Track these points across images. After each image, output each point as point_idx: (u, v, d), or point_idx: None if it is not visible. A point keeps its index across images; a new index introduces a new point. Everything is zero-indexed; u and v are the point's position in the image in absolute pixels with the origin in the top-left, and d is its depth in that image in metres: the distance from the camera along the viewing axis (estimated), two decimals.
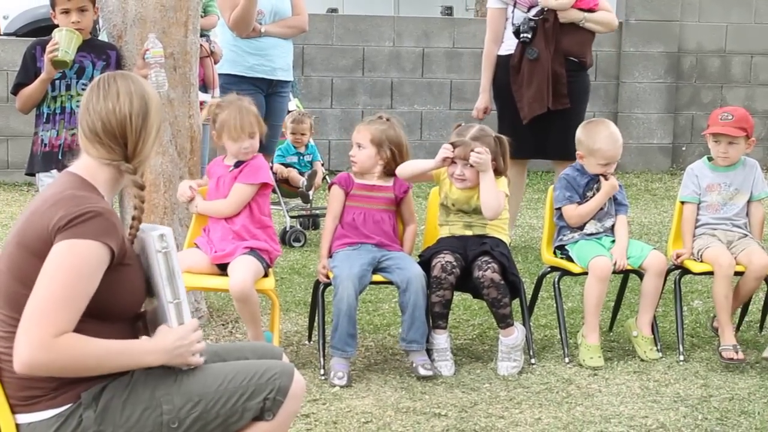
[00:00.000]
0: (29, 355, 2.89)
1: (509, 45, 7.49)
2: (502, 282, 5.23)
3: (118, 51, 5.58)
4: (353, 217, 5.41)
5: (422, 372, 5.16)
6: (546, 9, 7.36)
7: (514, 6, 7.46)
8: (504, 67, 7.54)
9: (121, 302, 3.08)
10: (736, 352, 5.39)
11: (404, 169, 5.42)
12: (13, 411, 3.02)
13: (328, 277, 5.31)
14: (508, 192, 5.50)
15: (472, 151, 5.29)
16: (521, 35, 7.37)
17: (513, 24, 7.44)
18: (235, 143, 5.24)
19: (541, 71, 7.34)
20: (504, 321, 5.30)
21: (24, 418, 3.02)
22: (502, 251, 5.33)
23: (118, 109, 3.13)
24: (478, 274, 5.23)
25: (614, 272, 5.55)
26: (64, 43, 5.33)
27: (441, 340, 5.28)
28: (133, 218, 3.21)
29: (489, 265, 5.21)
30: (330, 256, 5.42)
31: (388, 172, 5.46)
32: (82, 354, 2.94)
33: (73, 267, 2.92)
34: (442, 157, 5.38)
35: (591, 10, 7.49)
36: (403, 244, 5.50)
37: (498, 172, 5.41)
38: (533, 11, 7.38)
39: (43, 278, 2.92)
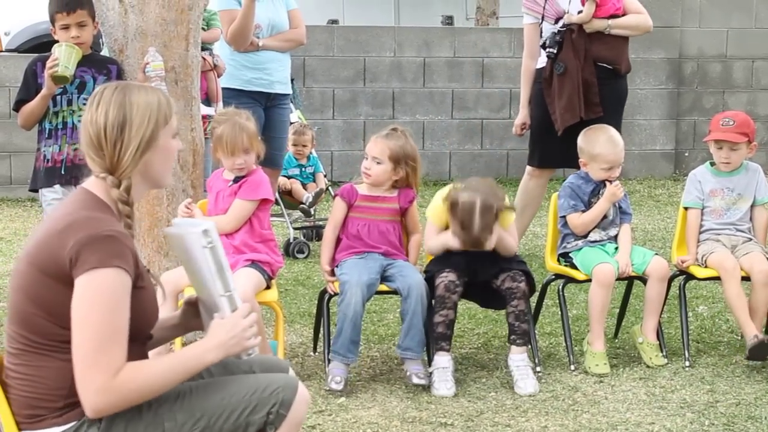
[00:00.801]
0: (97, 403, 2.91)
1: (543, 58, 7.47)
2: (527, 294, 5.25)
3: (119, 65, 5.59)
4: (358, 229, 5.39)
5: (415, 381, 5.15)
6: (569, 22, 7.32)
7: (542, 20, 7.43)
8: (538, 79, 7.52)
9: (136, 325, 3.04)
10: (759, 338, 5.31)
11: (433, 248, 5.40)
12: (19, 428, 3.02)
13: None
14: (513, 214, 5.47)
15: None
16: (547, 49, 7.34)
17: (542, 37, 7.42)
18: (228, 159, 5.23)
19: (571, 82, 7.28)
20: (524, 337, 5.28)
21: None
22: (522, 260, 5.37)
23: (95, 120, 3.10)
24: (511, 285, 5.21)
25: (618, 279, 5.55)
26: (63, 58, 5.34)
27: (443, 361, 5.23)
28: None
29: (522, 277, 5.21)
30: (332, 268, 5.40)
31: (396, 185, 5.42)
32: (145, 382, 2.95)
33: (104, 302, 2.91)
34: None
35: (615, 15, 7.39)
36: (408, 253, 5.49)
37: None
38: (560, 23, 7.33)
39: (80, 322, 2.91)
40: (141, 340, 3.16)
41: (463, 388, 5.21)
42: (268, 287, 5.20)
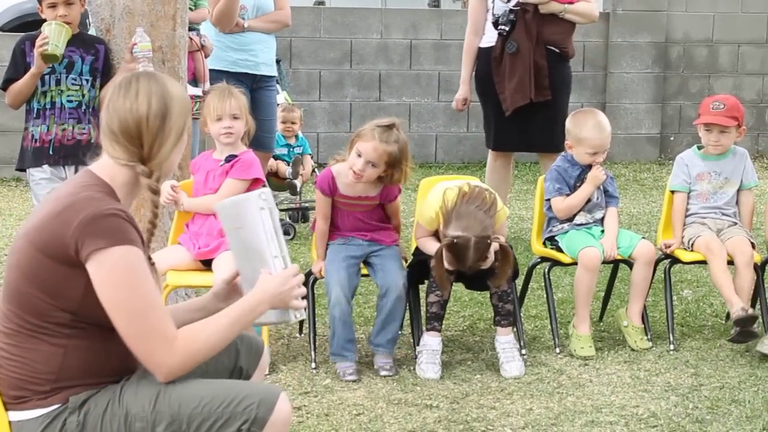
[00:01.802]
0: (167, 369, 2.98)
1: (491, 36, 7.45)
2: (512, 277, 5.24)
3: (106, 45, 5.57)
4: (339, 220, 5.35)
5: (383, 373, 5.15)
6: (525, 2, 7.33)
7: None
8: (485, 58, 7.51)
9: None
10: (745, 312, 5.34)
11: (423, 249, 5.35)
12: (6, 408, 3.02)
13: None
14: (506, 211, 5.46)
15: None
16: (499, 27, 7.33)
17: (493, 15, 7.40)
18: (215, 124, 5.20)
19: (523, 63, 7.30)
20: (508, 318, 5.28)
21: (14, 416, 3.01)
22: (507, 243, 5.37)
23: (135, 109, 3.07)
24: (493, 266, 5.15)
25: (604, 262, 5.56)
26: (53, 36, 5.32)
27: (434, 342, 5.24)
28: (150, 223, 3.18)
29: (497, 252, 5.14)
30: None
31: (381, 181, 5.28)
32: (207, 339, 3.03)
33: (126, 279, 2.93)
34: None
35: (570, 3, 7.45)
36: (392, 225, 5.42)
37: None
38: (513, 1, 7.33)
39: (113, 301, 2.93)
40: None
41: (448, 370, 5.22)
42: None
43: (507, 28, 7.30)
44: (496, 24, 7.35)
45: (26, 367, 3.00)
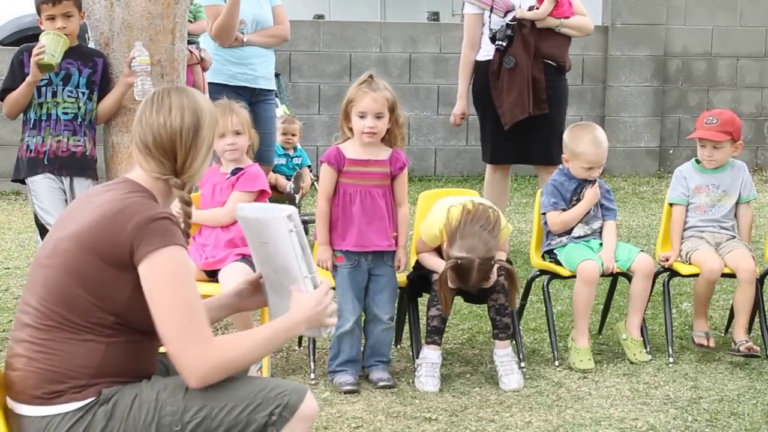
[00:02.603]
0: (200, 372, 3.00)
1: (488, 50, 7.47)
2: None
3: (105, 58, 5.58)
4: (350, 201, 5.16)
5: (382, 384, 5.16)
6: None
7: (491, 11, 7.44)
8: (483, 72, 7.52)
9: (147, 318, 3.05)
10: (708, 339, 5.45)
11: (424, 264, 5.34)
12: (32, 403, 3.04)
13: (335, 266, 5.20)
14: (510, 228, 5.46)
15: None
16: (496, 42, 7.36)
17: (490, 29, 7.42)
18: (219, 140, 5.22)
19: (521, 77, 7.33)
20: (506, 331, 5.28)
21: (43, 411, 3.03)
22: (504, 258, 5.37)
23: (169, 124, 3.15)
24: (496, 283, 5.16)
25: (602, 275, 5.56)
26: (50, 46, 5.33)
27: (434, 356, 5.23)
28: (184, 233, 3.21)
29: (502, 271, 5.15)
30: (332, 247, 5.21)
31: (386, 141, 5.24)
32: (243, 350, 3.06)
33: (175, 279, 3.00)
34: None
35: (566, 17, 7.48)
36: (398, 231, 5.26)
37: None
38: (510, 16, 7.36)
39: (157, 302, 2.99)
40: (152, 334, 3.11)
41: (447, 383, 5.22)
42: None
43: (504, 44, 7.32)
44: (493, 39, 7.37)
45: (66, 360, 3.03)
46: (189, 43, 6.55)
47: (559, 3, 7.38)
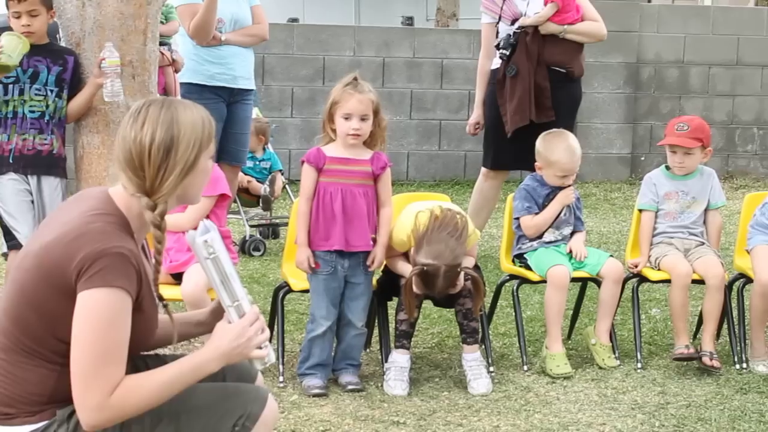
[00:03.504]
0: (91, 419, 2.88)
1: (498, 59, 7.49)
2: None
3: (76, 56, 5.55)
4: (331, 200, 5.11)
5: (350, 388, 5.16)
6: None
7: (499, 20, 7.45)
8: (492, 80, 7.54)
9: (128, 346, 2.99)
10: (687, 348, 5.46)
11: (392, 266, 5.34)
12: None
13: (313, 270, 5.14)
14: (478, 234, 5.45)
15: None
16: (500, 51, 7.37)
17: (497, 38, 7.44)
18: None
19: (523, 84, 7.31)
20: (473, 335, 5.28)
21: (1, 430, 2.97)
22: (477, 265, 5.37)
23: (139, 139, 2.95)
24: (462, 290, 5.15)
25: (572, 280, 5.57)
26: (8, 47, 5.29)
27: (402, 359, 5.23)
28: (154, 259, 3.09)
29: (467, 277, 5.14)
30: (310, 249, 5.14)
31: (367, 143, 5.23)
32: (141, 397, 2.91)
33: (104, 320, 2.85)
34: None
35: (572, 23, 7.44)
36: (378, 231, 5.21)
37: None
38: (516, 25, 7.35)
39: (79, 339, 2.86)
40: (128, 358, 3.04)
41: (416, 387, 5.21)
42: None
43: (507, 52, 7.32)
44: (497, 48, 7.38)
45: (18, 385, 2.96)
46: (160, 44, 6.54)
47: (563, 9, 7.34)
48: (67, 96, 5.54)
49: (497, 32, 7.45)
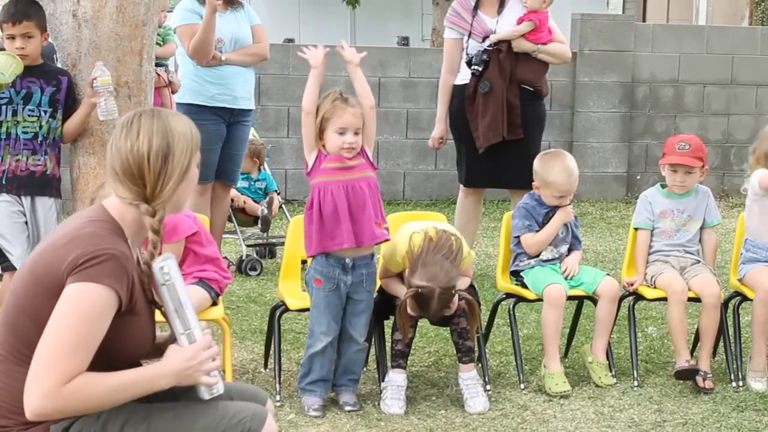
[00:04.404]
0: (38, 405, 2.88)
1: (465, 74, 7.51)
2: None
3: (70, 77, 5.56)
4: (333, 200, 5.04)
5: (348, 408, 5.15)
6: (499, 40, 7.40)
7: (469, 36, 7.49)
8: (460, 96, 7.57)
9: (123, 351, 3.03)
10: (688, 361, 5.46)
11: (387, 287, 5.35)
12: None
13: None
14: (473, 255, 5.43)
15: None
16: (472, 67, 7.40)
17: (467, 54, 7.47)
18: None
19: (496, 102, 7.37)
20: (469, 354, 5.28)
21: None
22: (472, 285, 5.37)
23: (137, 149, 3.05)
24: (457, 311, 5.15)
25: (569, 298, 5.57)
26: (2, 66, 5.30)
27: (399, 379, 5.24)
28: (145, 263, 3.14)
29: (462, 298, 5.14)
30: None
31: None
32: (91, 395, 2.92)
33: (81, 312, 2.89)
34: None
35: (544, 44, 7.53)
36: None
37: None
38: (488, 41, 7.40)
39: (52, 324, 2.89)
40: (127, 366, 3.08)
41: (413, 405, 5.21)
42: (215, 304, 5.17)
43: (480, 68, 7.36)
44: (469, 63, 7.41)
45: (10, 395, 2.98)
46: (157, 65, 6.55)
47: (537, 29, 7.42)
48: (61, 117, 5.55)
49: (464, 48, 7.48)
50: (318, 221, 5.08)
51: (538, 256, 5.69)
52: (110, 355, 2.98)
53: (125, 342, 3.03)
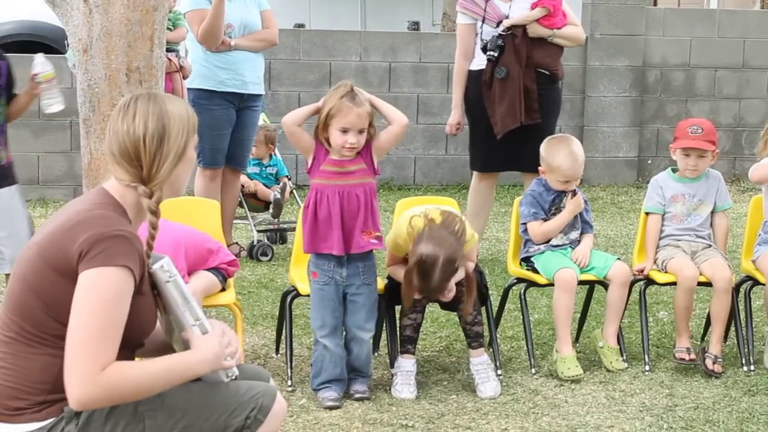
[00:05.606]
0: (80, 394, 2.91)
1: (480, 60, 7.48)
2: (478, 299, 5.23)
3: (7, 61, 5.61)
4: (328, 206, 5.04)
5: (358, 396, 5.14)
6: (513, 25, 7.38)
7: (483, 21, 7.47)
8: (476, 81, 7.54)
9: (130, 331, 3.04)
10: (689, 353, 5.48)
11: (393, 274, 5.31)
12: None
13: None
14: (476, 238, 5.39)
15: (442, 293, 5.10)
16: (488, 53, 7.38)
17: (482, 39, 7.45)
18: None
19: (513, 87, 7.34)
20: (477, 339, 5.29)
21: (7, 429, 3.01)
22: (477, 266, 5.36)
23: (132, 131, 3.11)
24: (459, 295, 5.15)
25: (579, 283, 5.57)
26: None
27: (408, 364, 5.25)
28: (147, 244, 3.18)
29: (462, 283, 5.13)
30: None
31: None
32: (131, 381, 2.96)
33: (105, 298, 2.93)
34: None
35: (559, 28, 7.52)
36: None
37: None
38: (501, 26, 7.38)
39: (77, 312, 2.93)
40: (131, 347, 3.16)
41: (424, 390, 5.23)
42: (224, 289, 5.16)
43: (496, 54, 7.34)
44: (485, 49, 7.39)
45: (21, 376, 3.01)
46: (168, 50, 6.55)
47: (552, 14, 7.40)
48: (5, 101, 5.57)
49: (480, 34, 7.46)
50: (312, 223, 5.09)
51: (548, 241, 5.68)
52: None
53: (135, 322, 3.06)
